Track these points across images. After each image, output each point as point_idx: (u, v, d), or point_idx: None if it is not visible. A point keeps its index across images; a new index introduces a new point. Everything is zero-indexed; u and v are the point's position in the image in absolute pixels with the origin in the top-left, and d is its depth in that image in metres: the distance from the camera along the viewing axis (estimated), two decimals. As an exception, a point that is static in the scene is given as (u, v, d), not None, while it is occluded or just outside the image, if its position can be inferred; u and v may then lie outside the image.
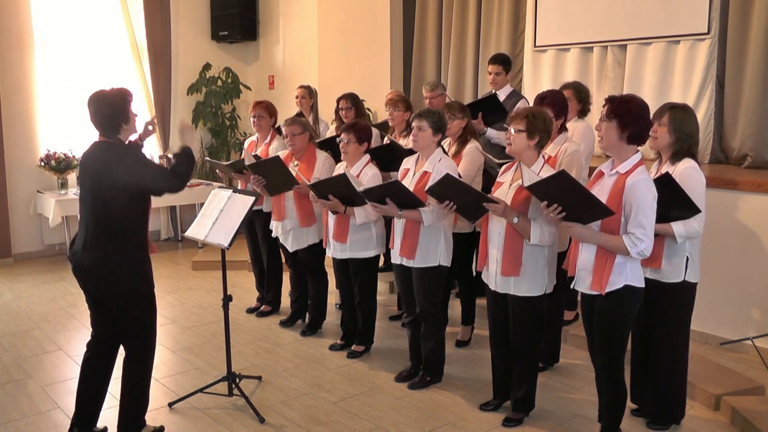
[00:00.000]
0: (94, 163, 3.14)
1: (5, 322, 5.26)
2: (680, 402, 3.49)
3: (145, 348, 3.30)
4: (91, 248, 3.12)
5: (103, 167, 3.10)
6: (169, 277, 6.54)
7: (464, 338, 4.71)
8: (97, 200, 3.12)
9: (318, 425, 3.60)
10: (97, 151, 3.16)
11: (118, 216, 3.11)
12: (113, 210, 3.10)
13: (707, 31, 5.12)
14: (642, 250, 2.91)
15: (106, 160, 3.10)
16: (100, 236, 3.11)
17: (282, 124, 4.70)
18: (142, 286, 3.23)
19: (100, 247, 3.11)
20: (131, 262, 3.16)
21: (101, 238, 3.11)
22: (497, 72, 5.05)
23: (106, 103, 3.15)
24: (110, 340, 3.33)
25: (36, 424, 3.63)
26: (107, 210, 3.10)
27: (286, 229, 4.72)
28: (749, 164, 4.99)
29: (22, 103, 7.01)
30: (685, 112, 3.29)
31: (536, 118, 3.28)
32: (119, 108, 3.16)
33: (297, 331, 4.96)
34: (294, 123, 4.61)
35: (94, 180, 3.12)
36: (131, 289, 3.18)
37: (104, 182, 3.08)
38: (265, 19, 8.35)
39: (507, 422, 3.58)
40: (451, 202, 3.48)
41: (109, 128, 3.16)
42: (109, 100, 3.16)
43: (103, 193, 3.09)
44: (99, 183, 3.10)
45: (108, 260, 3.11)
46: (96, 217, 3.12)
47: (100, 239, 3.11)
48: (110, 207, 3.10)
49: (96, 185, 3.11)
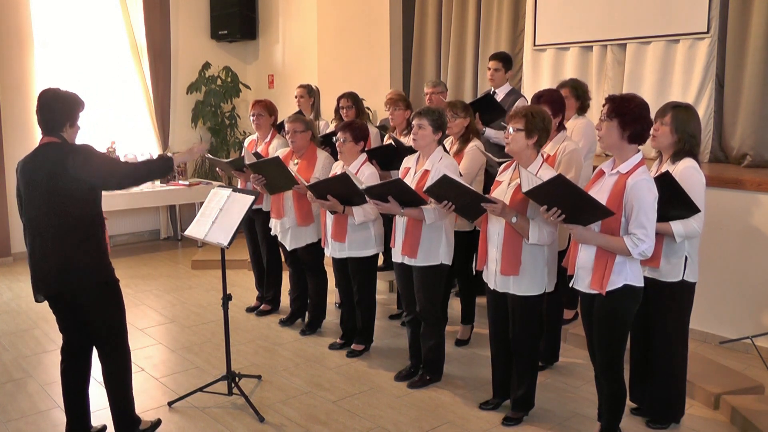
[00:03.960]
0: (43, 165, 3.07)
1: (5, 321, 5.26)
2: (680, 401, 3.49)
3: (118, 346, 3.28)
4: (54, 252, 3.07)
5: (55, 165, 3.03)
6: (169, 276, 6.54)
7: (464, 337, 4.71)
8: (54, 199, 3.04)
9: (317, 424, 3.60)
10: (47, 152, 3.09)
11: (78, 211, 3.06)
12: (73, 205, 3.05)
13: (707, 30, 5.12)
14: (643, 251, 2.91)
15: (59, 159, 3.04)
16: (62, 237, 3.06)
17: (286, 120, 4.70)
18: (108, 277, 3.21)
19: (63, 248, 3.06)
20: (95, 255, 3.13)
21: (63, 238, 3.06)
22: (496, 68, 5.05)
23: (58, 99, 3.14)
24: (82, 343, 3.31)
25: (36, 423, 3.63)
26: (67, 207, 3.04)
27: (285, 227, 4.72)
28: (749, 163, 4.99)
29: (21, 103, 7.01)
30: (688, 112, 3.29)
31: (535, 117, 3.27)
32: (70, 108, 3.15)
33: (296, 330, 4.96)
34: (297, 120, 4.61)
35: (50, 180, 3.04)
36: (99, 282, 3.16)
37: (61, 180, 3.02)
38: (265, 18, 8.35)
39: (506, 421, 3.58)
40: (449, 203, 3.48)
41: (53, 124, 3.11)
42: (62, 97, 3.15)
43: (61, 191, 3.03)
44: (55, 182, 3.03)
45: (73, 258, 3.07)
46: (55, 218, 3.05)
47: (61, 240, 3.06)
48: (70, 203, 3.05)
49: (53, 185, 3.04)
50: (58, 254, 3.08)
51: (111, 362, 3.28)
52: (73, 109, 3.17)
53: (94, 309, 3.19)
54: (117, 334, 3.28)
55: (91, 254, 3.12)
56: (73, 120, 3.17)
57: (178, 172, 7.89)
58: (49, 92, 3.16)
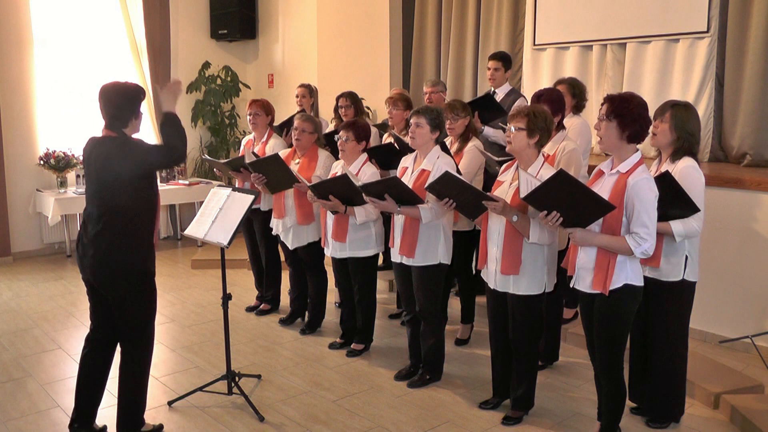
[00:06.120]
0: (98, 158, 3.14)
1: (5, 320, 5.26)
2: (679, 400, 3.50)
3: (142, 347, 3.30)
4: (98, 240, 3.12)
5: (106, 160, 3.10)
6: (169, 275, 6.54)
7: (464, 336, 4.71)
8: (104, 193, 3.12)
9: (317, 424, 3.60)
10: (102, 146, 3.16)
11: (125, 208, 3.11)
12: (120, 201, 3.10)
13: (707, 29, 5.12)
14: (645, 250, 2.91)
15: (108, 153, 3.11)
16: (108, 229, 3.11)
17: (296, 116, 4.69)
18: (145, 283, 3.23)
19: (107, 240, 3.11)
20: (135, 259, 3.16)
21: (108, 231, 3.11)
22: (496, 68, 5.05)
23: (121, 93, 3.14)
24: (108, 334, 3.32)
25: (35, 422, 3.63)
26: (114, 203, 3.10)
27: (287, 226, 4.72)
28: (748, 162, 4.99)
29: (21, 102, 7.01)
30: (687, 110, 3.29)
31: (537, 117, 3.27)
32: (132, 102, 3.16)
33: (296, 330, 4.96)
34: (308, 120, 4.60)
35: (101, 173, 3.12)
36: (133, 285, 3.18)
37: (110, 174, 3.09)
38: (265, 17, 8.35)
39: (506, 420, 3.58)
40: (450, 200, 3.48)
41: (117, 120, 3.14)
42: (125, 91, 3.15)
43: (110, 185, 3.10)
44: (105, 175, 3.11)
45: (113, 254, 3.12)
46: (103, 211, 3.12)
47: (107, 232, 3.11)
48: (117, 198, 3.10)
49: (102, 178, 3.12)
50: (100, 244, 3.12)
51: (129, 360, 3.28)
52: (135, 104, 3.17)
53: (122, 304, 3.20)
54: (140, 333, 3.28)
55: (128, 251, 3.14)
56: (137, 112, 3.19)
57: (178, 171, 7.89)
58: (111, 87, 3.15)
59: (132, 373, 3.29)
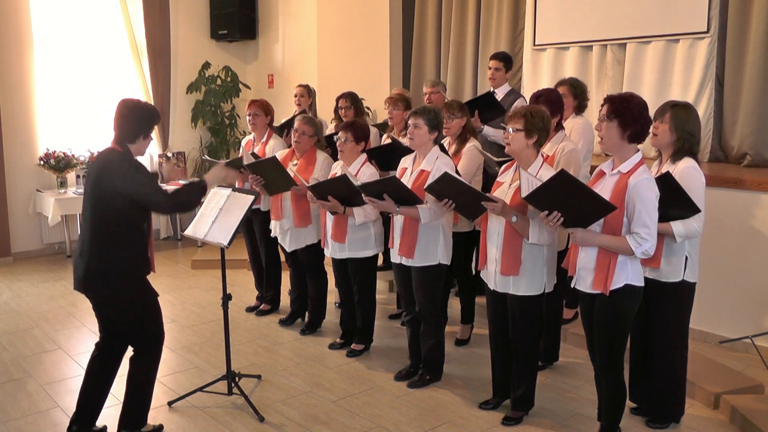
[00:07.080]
0: (96, 169, 3.18)
1: (5, 320, 5.26)
2: (679, 400, 3.49)
3: (147, 351, 3.33)
4: (88, 255, 3.14)
5: (102, 172, 3.13)
6: (169, 275, 6.54)
7: (464, 337, 4.71)
8: (97, 205, 3.14)
9: (317, 424, 3.60)
10: (103, 158, 3.19)
11: (116, 222, 3.12)
12: (111, 215, 3.11)
13: (707, 29, 5.12)
14: (646, 250, 2.91)
15: (106, 166, 3.13)
16: (98, 243, 3.13)
17: (297, 118, 4.68)
18: (139, 294, 3.24)
19: (97, 255, 3.13)
20: (127, 272, 3.17)
21: (99, 245, 3.13)
22: (497, 68, 5.05)
23: (137, 110, 3.21)
24: (117, 342, 3.36)
25: (35, 423, 3.63)
26: (105, 215, 3.12)
27: (284, 229, 4.72)
28: (749, 163, 4.99)
29: (21, 102, 7.01)
30: (687, 111, 3.29)
31: (534, 117, 3.27)
32: (147, 122, 3.22)
33: (296, 330, 4.96)
34: (309, 123, 4.59)
35: (95, 184, 3.16)
36: (128, 298, 3.20)
37: (103, 187, 3.12)
38: (265, 17, 8.35)
39: (506, 421, 3.58)
40: (449, 200, 3.48)
41: (127, 135, 3.18)
42: (142, 109, 3.22)
43: (102, 197, 3.12)
44: (99, 187, 3.13)
45: (103, 268, 3.13)
46: (95, 223, 3.14)
47: (97, 246, 3.13)
48: (108, 212, 3.11)
49: (96, 189, 3.15)
50: (90, 259, 3.14)
51: (138, 362, 3.33)
52: (149, 124, 3.24)
53: (116, 315, 3.24)
54: (149, 338, 3.32)
55: (118, 264, 3.14)
56: (147, 133, 3.24)
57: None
58: (130, 103, 3.21)
59: (137, 374, 3.32)
